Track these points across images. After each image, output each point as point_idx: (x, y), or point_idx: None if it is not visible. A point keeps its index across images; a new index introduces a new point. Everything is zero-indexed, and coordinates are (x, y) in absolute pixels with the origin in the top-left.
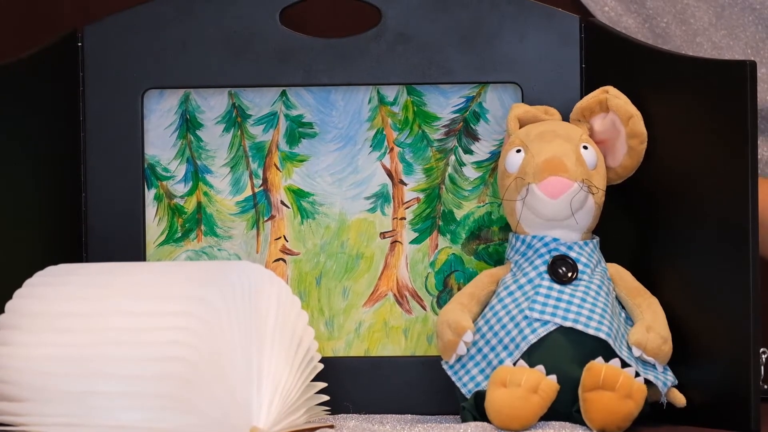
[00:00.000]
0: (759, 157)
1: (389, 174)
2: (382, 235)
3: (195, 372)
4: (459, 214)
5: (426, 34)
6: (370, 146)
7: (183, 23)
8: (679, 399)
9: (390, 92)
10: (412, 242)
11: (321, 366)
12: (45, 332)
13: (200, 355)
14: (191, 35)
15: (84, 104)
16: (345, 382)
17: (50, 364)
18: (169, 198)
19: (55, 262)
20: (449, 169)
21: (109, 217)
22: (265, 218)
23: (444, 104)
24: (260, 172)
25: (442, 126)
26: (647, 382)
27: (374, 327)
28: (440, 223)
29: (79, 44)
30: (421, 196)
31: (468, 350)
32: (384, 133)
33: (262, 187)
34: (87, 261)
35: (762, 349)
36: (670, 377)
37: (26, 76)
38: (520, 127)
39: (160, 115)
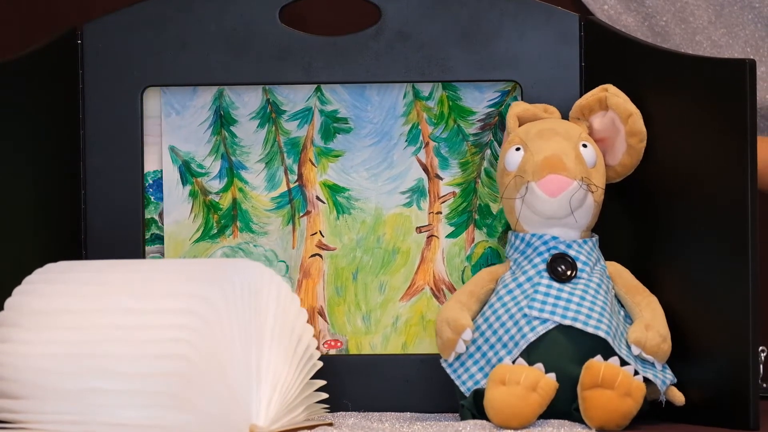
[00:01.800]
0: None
1: (425, 169)
2: (419, 229)
3: (194, 370)
4: (495, 208)
5: (425, 32)
6: (406, 141)
7: (182, 21)
8: (678, 397)
9: (425, 87)
10: (448, 236)
11: (320, 364)
12: (44, 330)
13: (200, 352)
14: (191, 33)
15: (83, 102)
16: (344, 379)
17: (49, 361)
18: (204, 194)
19: (55, 260)
20: (485, 163)
21: (108, 214)
22: (301, 214)
23: (479, 99)
24: (295, 168)
25: (478, 120)
26: (646, 380)
27: (411, 321)
28: (476, 217)
29: (79, 42)
30: (457, 190)
31: (467, 348)
32: (419, 127)
33: (297, 183)
34: (86, 258)
35: (761, 348)
36: (669, 375)
37: (26, 74)
38: (520, 126)
39: (194, 112)
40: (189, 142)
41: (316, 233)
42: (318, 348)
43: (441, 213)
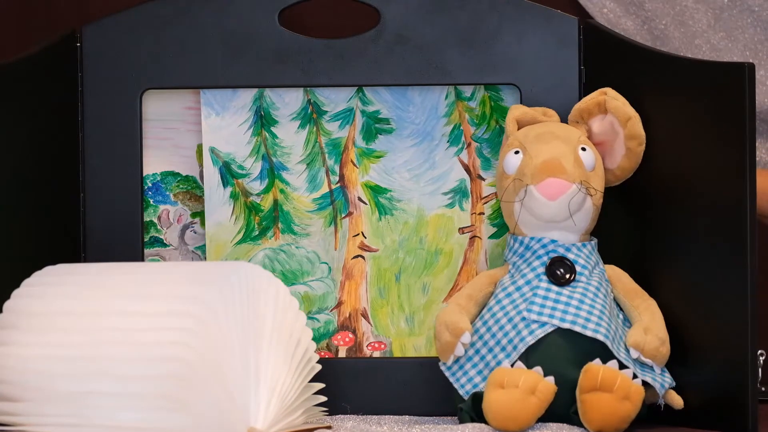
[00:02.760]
0: (757, 159)
1: (467, 169)
2: (461, 230)
3: (193, 372)
4: None
5: (425, 36)
6: (447, 142)
7: (182, 24)
8: (677, 401)
9: (467, 88)
10: (491, 237)
11: (319, 367)
12: (43, 332)
13: (198, 355)
14: (190, 36)
15: (83, 105)
16: (343, 382)
17: (48, 364)
18: (245, 196)
19: (54, 262)
20: None
21: (107, 217)
22: (343, 215)
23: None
24: (337, 169)
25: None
26: (645, 383)
27: None
28: None
29: (78, 44)
30: None
31: (466, 352)
32: (461, 128)
33: (338, 184)
34: (85, 261)
35: (759, 351)
36: (668, 379)
37: (25, 76)
38: (519, 129)
39: (234, 112)
40: (229, 143)
41: (358, 234)
42: (362, 350)
43: (483, 214)
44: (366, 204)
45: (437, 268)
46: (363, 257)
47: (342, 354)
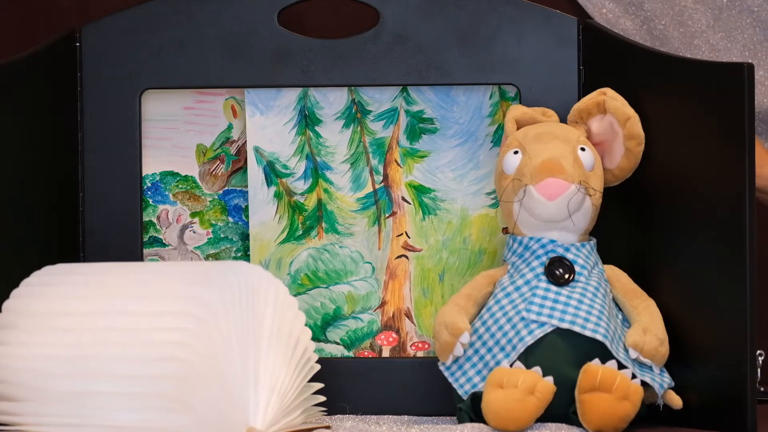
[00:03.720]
0: None
1: None
2: (504, 230)
3: (192, 372)
4: None
5: (424, 35)
6: (491, 141)
7: (181, 23)
8: (676, 401)
9: (511, 87)
10: None
11: (318, 367)
12: (43, 332)
13: (198, 355)
14: (189, 35)
15: (82, 104)
16: (342, 382)
17: (48, 363)
18: (289, 195)
19: (53, 262)
20: None
21: (106, 217)
22: (387, 215)
23: None
24: (381, 169)
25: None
26: (644, 383)
27: None
28: None
29: (77, 44)
30: None
31: (465, 352)
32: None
33: (382, 184)
34: (84, 261)
35: (759, 352)
36: (667, 379)
37: (24, 75)
38: (518, 129)
39: (278, 112)
40: (273, 142)
41: (401, 234)
42: (406, 350)
43: None
44: (410, 204)
45: (481, 267)
46: (407, 257)
47: (386, 354)
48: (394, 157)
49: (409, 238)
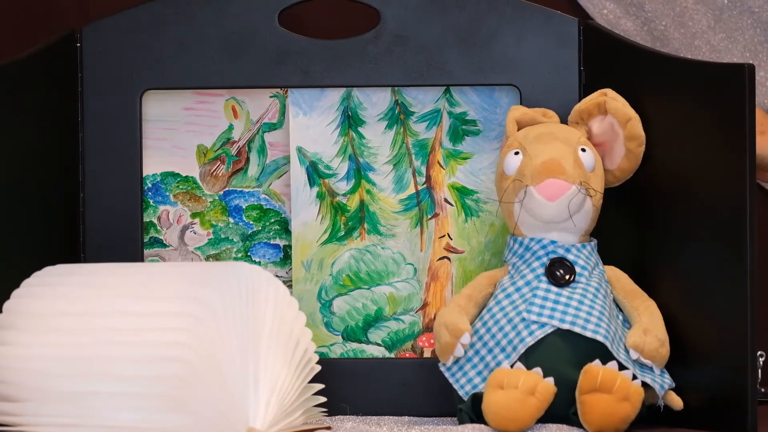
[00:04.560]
0: None
1: None
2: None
3: (192, 372)
4: None
5: (424, 36)
6: None
7: (182, 24)
8: (676, 402)
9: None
10: None
11: (318, 367)
12: (43, 332)
13: (198, 355)
14: (190, 36)
15: (82, 105)
16: (342, 383)
17: (48, 364)
18: (332, 196)
19: (53, 263)
20: None
21: (107, 217)
22: (429, 216)
23: None
24: (423, 170)
25: None
26: (644, 384)
27: None
28: None
29: (78, 45)
30: None
31: (465, 352)
32: None
33: (425, 185)
34: (85, 261)
35: (759, 353)
36: (667, 380)
37: (25, 76)
38: (519, 129)
39: (321, 112)
40: (316, 143)
41: (444, 236)
42: None
43: None
44: (452, 205)
45: None
46: (449, 259)
47: (427, 355)
48: (436, 159)
49: (451, 239)
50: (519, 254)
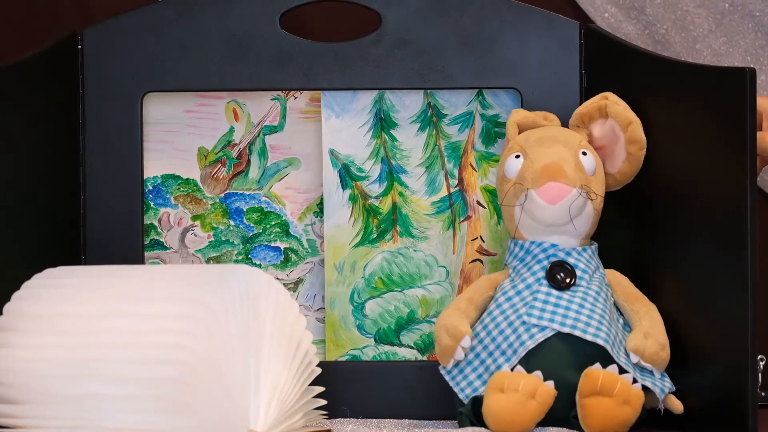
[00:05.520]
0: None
1: None
2: None
3: (193, 375)
4: None
5: (426, 39)
6: None
7: (183, 26)
8: (677, 405)
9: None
10: None
11: (319, 370)
12: (43, 334)
13: (198, 358)
14: (191, 38)
15: (83, 107)
16: (342, 386)
17: (49, 366)
18: (364, 198)
19: (54, 265)
20: None
21: (107, 220)
22: (461, 218)
23: None
24: (456, 172)
25: None
26: (645, 388)
27: None
28: None
29: (79, 47)
30: None
31: (466, 356)
32: None
33: (457, 187)
34: (85, 263)
35: (760, 356)
36: (668, 383)
37: (26, 78)
38: (520, 133)
39: (353, 115)
40: (349, 145)
41: (476, 238)
42: None
43: None
44: (485, 208)
45: None
46: (481, 261)
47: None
48: (469, 161)
49: (483, 242)
50: (520, 257)
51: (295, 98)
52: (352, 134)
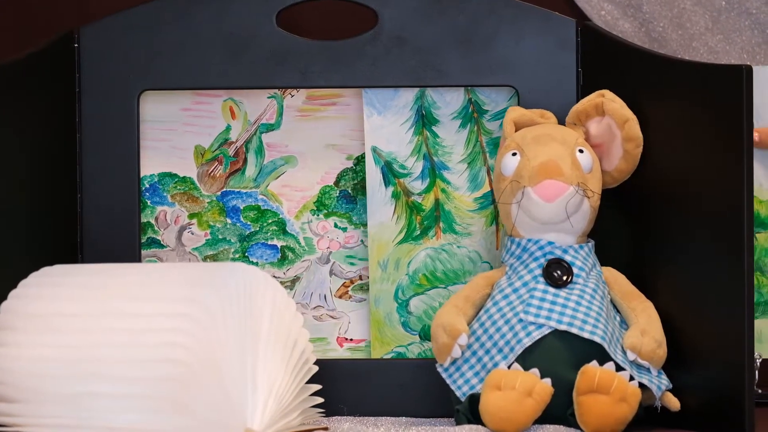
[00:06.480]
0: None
1: None
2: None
3: (190, 374)
4: None
5: (422, 37)
6: None
7: (180, 25)
8: (674, 403)
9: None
10: None
11: (316, 368)
12: (40, 333)
13: (195, 356)
14: (188, 37)
15: (80, 105)
16: (339, 384)
17: (45, 365)
18: (407, 195)
19: (51, 263)
20: None
21: (104, 218)
22: None
23: None
24: None
25: None
26: (641, 385)
27: None
28: None
29: (76, 45)
30: None
31: (463, 353)
32: None
33: None
34: (82, 262)
35: (756, 354)
36: (665, 381)
37: (22, 76)
38: (516, 131)
39: (395, 112)
40: (391, 142)
41: None
42: None
43: None
44: None
45: None
46: None
47: None
48: None
49: None
50: (516, 255)
51: (292, 96)
52: (393, 131)
